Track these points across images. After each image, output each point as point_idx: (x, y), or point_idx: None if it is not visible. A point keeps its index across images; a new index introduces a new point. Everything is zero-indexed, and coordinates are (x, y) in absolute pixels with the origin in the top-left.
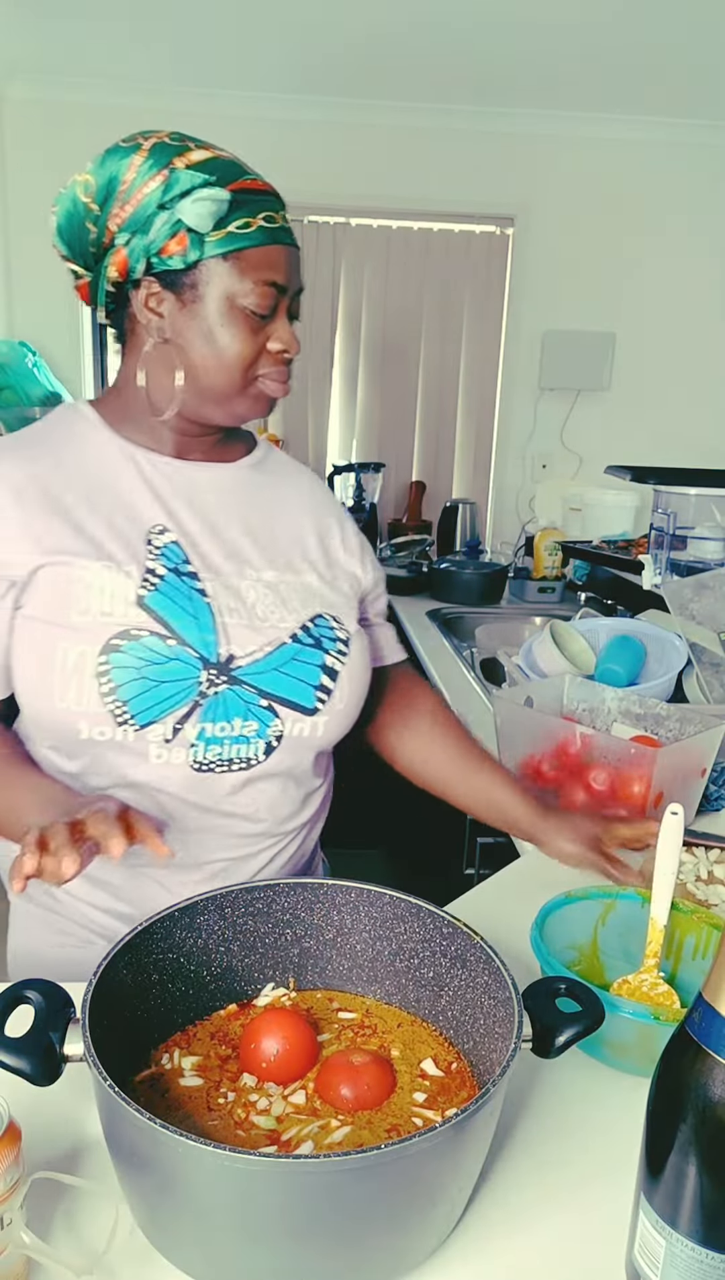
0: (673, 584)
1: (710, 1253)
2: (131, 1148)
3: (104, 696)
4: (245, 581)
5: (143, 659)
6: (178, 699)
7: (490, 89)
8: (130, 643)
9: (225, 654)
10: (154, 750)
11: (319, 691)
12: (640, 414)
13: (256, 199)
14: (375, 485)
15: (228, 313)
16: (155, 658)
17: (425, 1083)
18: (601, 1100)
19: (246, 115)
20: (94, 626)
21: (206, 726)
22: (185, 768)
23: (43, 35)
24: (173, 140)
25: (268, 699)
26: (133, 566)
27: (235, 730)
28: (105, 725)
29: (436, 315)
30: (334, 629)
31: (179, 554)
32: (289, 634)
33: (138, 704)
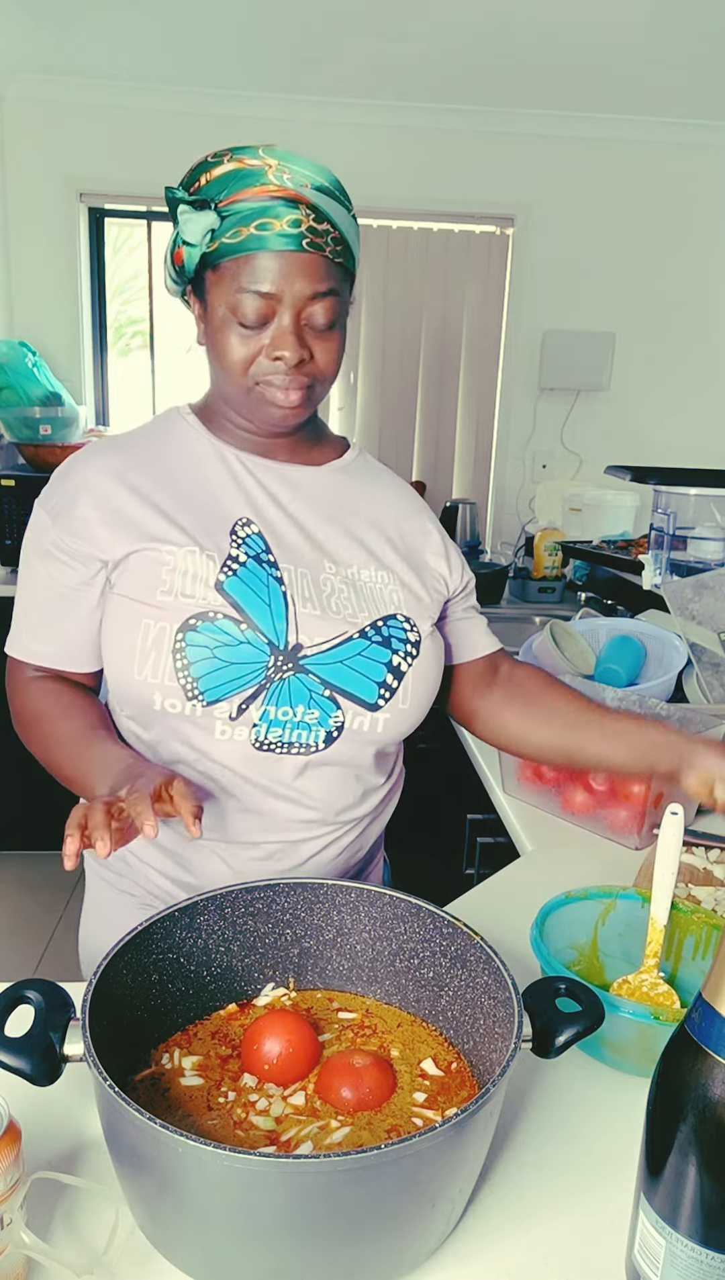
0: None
1: (710, 1253)
2: (131, 1148)
3: (178, 672)
4: (323, 574)
5: (216, 640)
6: (245, 680)
7: (490, 89)
8: (206, 623)
9: (293, 641)
10: (219, 726)
11: (382, 689)
12: (640, 414)
13: (257, 208)
14: None
15: (222, 320)
16: (228, 640)
17: (425, 1082)
18: (601, 1100)
19: (246, 115)
20: (175, 606)
21: (270, 709)
22: (247, 745)
23: (43, 35)
24: (214, 157)
25: (331, 689)
26: (216, 553)
27: (297, 716)
28: (176, 699)
29: (436, 315)
30: (406, 630)
31: (261, 543)
32: (358, 629)
33: (207, 681)
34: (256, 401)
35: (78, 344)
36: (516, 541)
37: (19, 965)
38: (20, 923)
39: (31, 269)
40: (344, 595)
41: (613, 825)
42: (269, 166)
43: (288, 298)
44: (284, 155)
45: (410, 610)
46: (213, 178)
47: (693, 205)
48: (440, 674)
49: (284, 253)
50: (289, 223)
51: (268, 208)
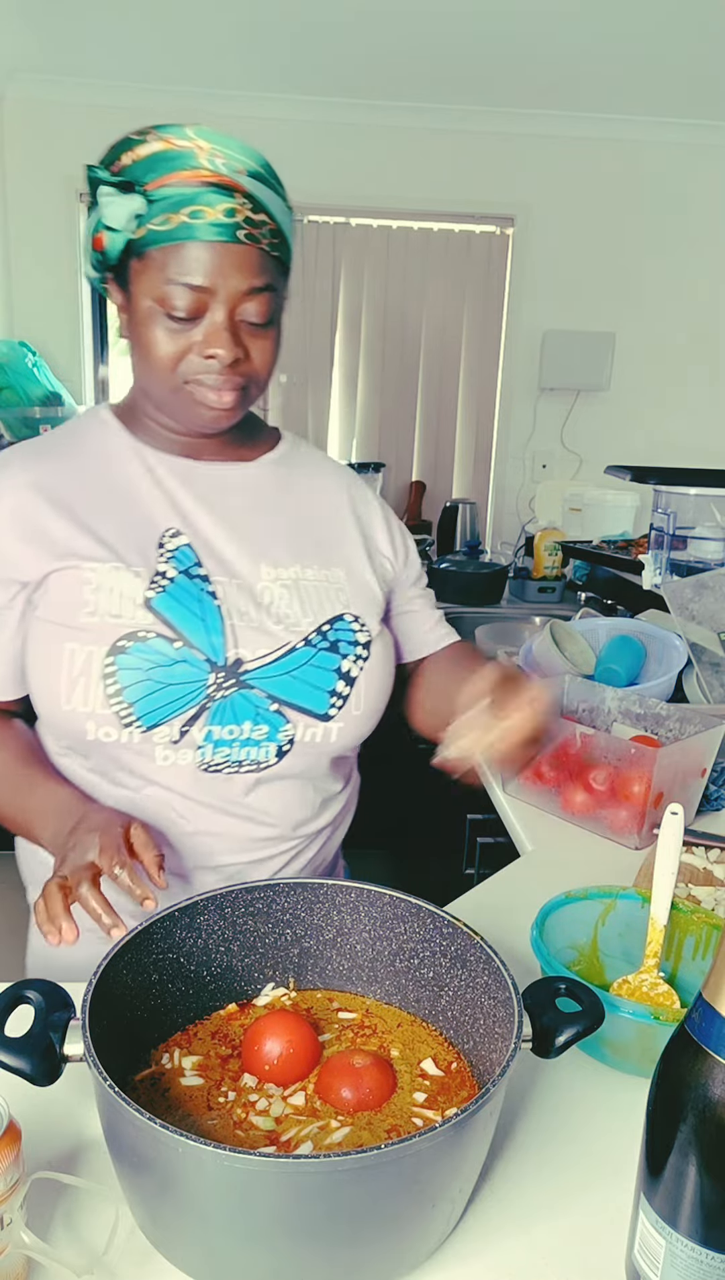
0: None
1: (710, 1253)
2: (131, 1148)
3: (110, 698)
4: (261, 583)
5: (149, 661)
6: (185, 701)
7: (490, 89)
8: (137, 644)
9: (233, 657)
10: (160, 752)
11: (333, 697)
12: (640, 414)
13: (188, 193)
14: (375, 485)
15: (148, 312)
16: (162, 660)
17: (425, 1082)
18: (601, 1100)
19: (247, 115)
20: (101, 628)
21: (214, 729)
22: (192, 769)
23: (43, 35)
24: (138, 134)
25: (278, 703)
26: (142, 569)
27: (244, 733)
28: (111, 727)
29: (436, 315)
30: (355, 631)
31: (190, 556)
32: (302, 638)
33: (144, 706)
34: (185, 402)
35: (78, 344)
36: (516, 541)
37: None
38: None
39: (31, 269)
40: (285, 601)
41: (613, 825)
42: (200, 149)
43: (222, 292)
44: (215, 137)
45: (359, 607)
46: (138, 158)
47: (693, 205)
48: (392, 673)
49: (217, 244)
50: (224, 211)
51: (199, 194)
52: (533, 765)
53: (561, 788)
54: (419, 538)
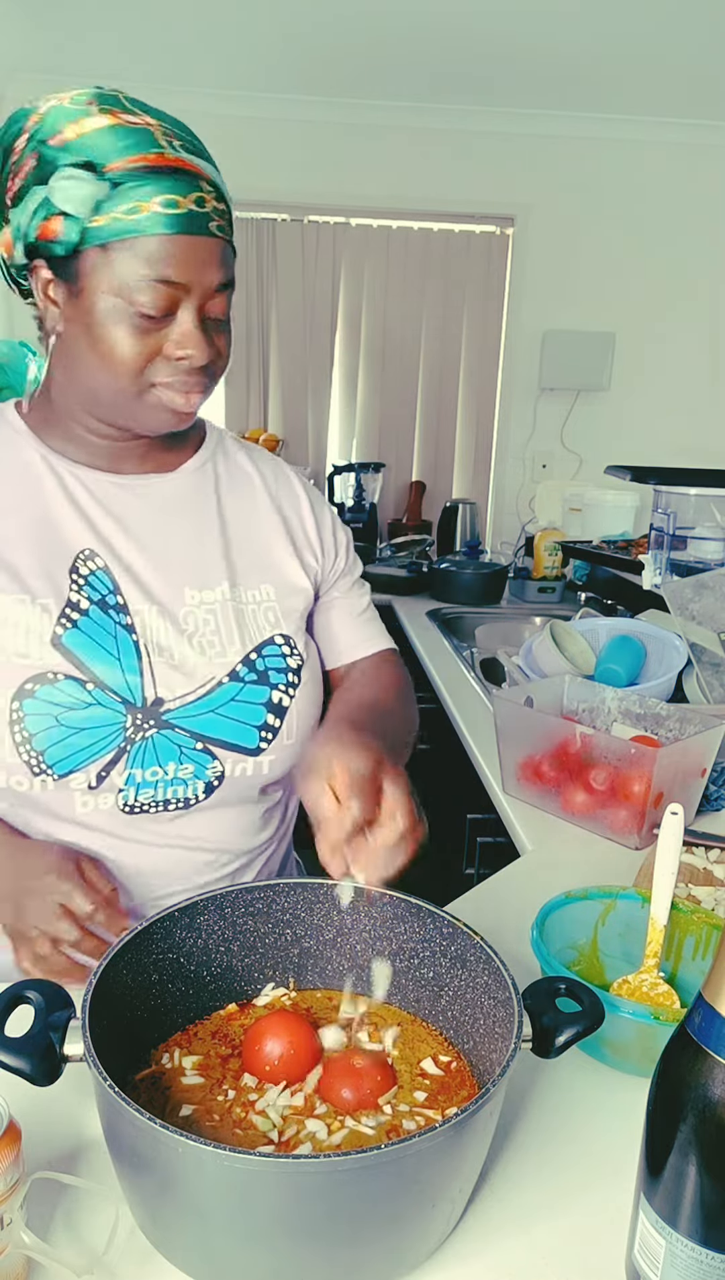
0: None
1: (710, 1253)
2: (131, 1148)
3: (18, 746)
4: (185, 608)
5: (59, 704)
6: (100, 747)
7: (490, 89)
8: (44, 686)
9: (151, 697)
10: (79, 798)
11: (263, 730)
12: (640, 414)
13: (159, 179)
14: (375, 485)
15: (111, 309)
16: (72, 703)
17: (425, 1082)
18: (601, 1100)
19: (247, 115)
20: (6, 669)
21: (135, 772)
22: (115, 811)
23: (43, 35)
24: (75, 103)
25: (203, 742)
26: (51, 600)
27: (168, 774)
28: (21, 775)
29: (436, 315)
30: (286, 656)
31: (106, 583)
32: (227, 671)
33: (55, 753)
34: (147, 406)
35: None
36: (516, 541)
37: None
38: None
39: None
40: (211, 628)
41: (613, 825)
42: (153, 128)
43: (196, 289)
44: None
45: (289, 624)
46: (85, 131)
47: (693, 205)
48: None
49: (192, 236)
50: (195, 201)
51: (170, 181)
52: (533, 766)
53: (561, 788)
54: (419, 538)
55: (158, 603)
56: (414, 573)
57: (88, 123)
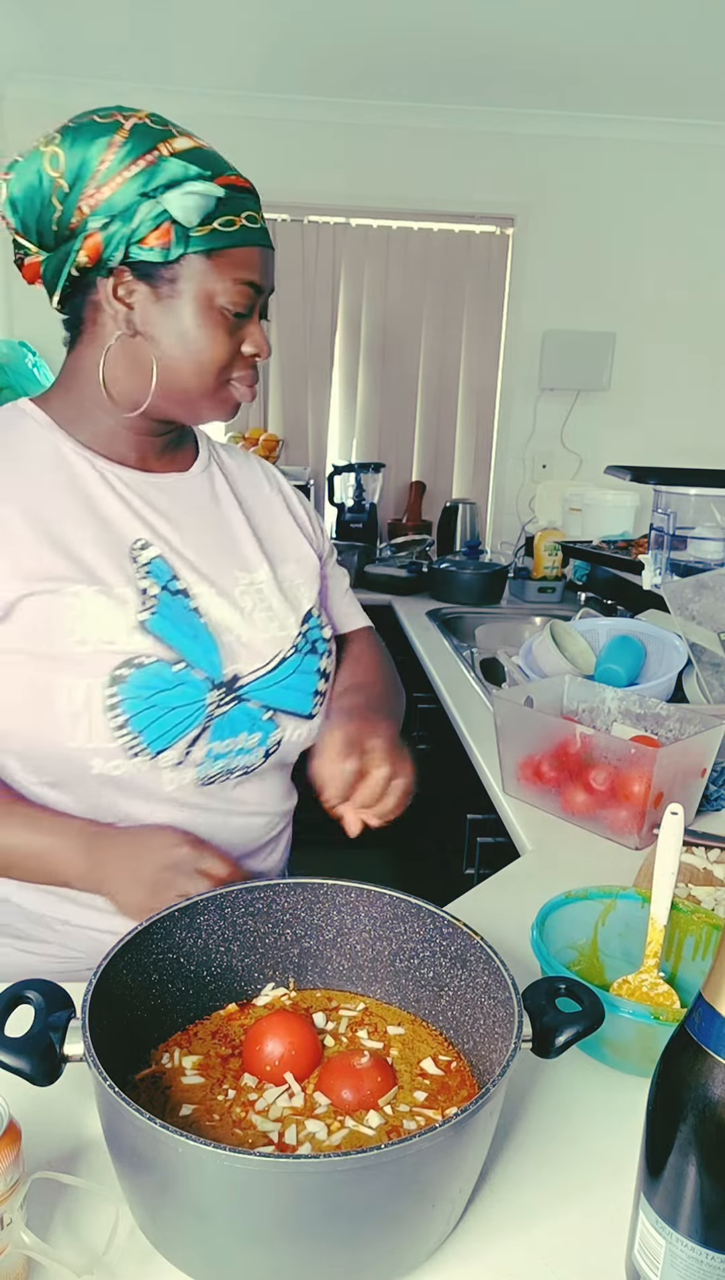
0: (673, 584)
1: (710, 1253)
2: (131, 1148)
3: (116, 731)
4: (238, 588)
5: (151, 687)
6: (188, 724)
7: (490, 89)
8: (136, 671)
9: (231, 673)
10: (166, 775)
11: (316, 696)
12: (640, 414)
13: (240, 196)
14: (375, 485)
15: (205, 311)
16: (163, 684)
17: (425, 1082)
18: (601, 1100)
19: (247, 115)
20: (97, 657)
21: (215, 745)
22: (192, 786)
23: (43, 35)
24: (155, 123)
25: (271, 711)
26: (127, 589)
27: (239, 744)
28: (118, 759)
29: (436, 315)
30: (322, 627)
31: (166, 570)
32: (291, 645)
33: (151, 733)
34: (219, 400)
35: None
36: (516, 541)
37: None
38: None
39: None
40: (264, 606)
41: (613, 825)
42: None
43: (265, 293)
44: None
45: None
46: (176, 150)
47: (693, 205)
48: None
49: (263, 248)
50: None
51: (249, 198)
52: (533, 766)
53: (561, 788)
54: (419, 538)
55: (214, 585)
56: (414, 573)
57: (177, 144)
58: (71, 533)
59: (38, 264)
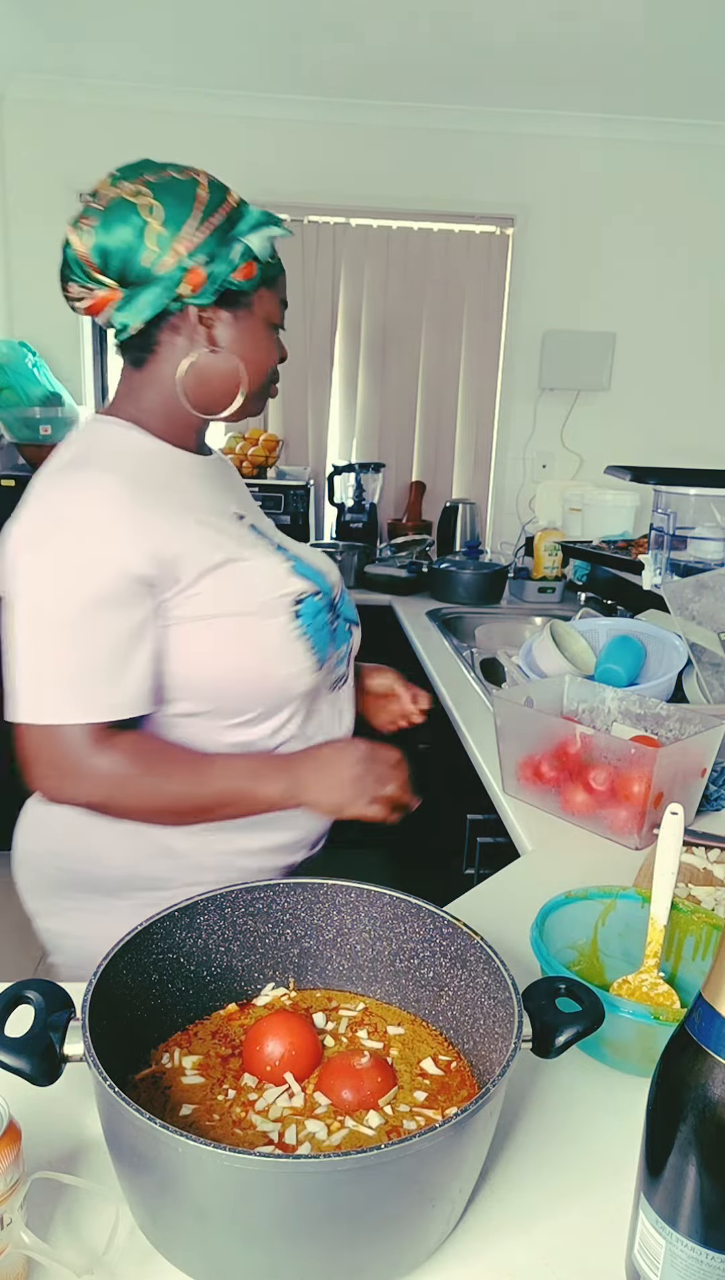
0: (673, 584)
1: (710, 1253)
2: (131, 1148)
3: (308, 652)
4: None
5: (312, 615)
6: (332, 636)
7: (490, 89)
8: (303, 604)
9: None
10: (326, 681)
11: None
12: (640, 414)
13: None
14: (375, 485)
15: (265, 328)
16: (316, 609)
17: (425, 1082)
18: (601, 1100)
19: (247, 115)
20: (279, 602)
21: (336, 652)
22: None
23: (43, 35)
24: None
25: (349, 623)
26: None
27: (342, 652)
28: (310, 675)
29: (436, 315)
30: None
31: (259, 532)
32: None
33: (320, 648)
34: (261, 396)
35: (78, 344)
36: (516, 541)
37: (18, 965)
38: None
39: (32, 269)
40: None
41: (613, 825)
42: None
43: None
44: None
45: None
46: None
47: (693, 205)
48: None
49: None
50: None
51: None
52: (533, 766)
53: (561, 788)
54: (419, 538)
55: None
56: (414, 573)
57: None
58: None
59: (109, 299)
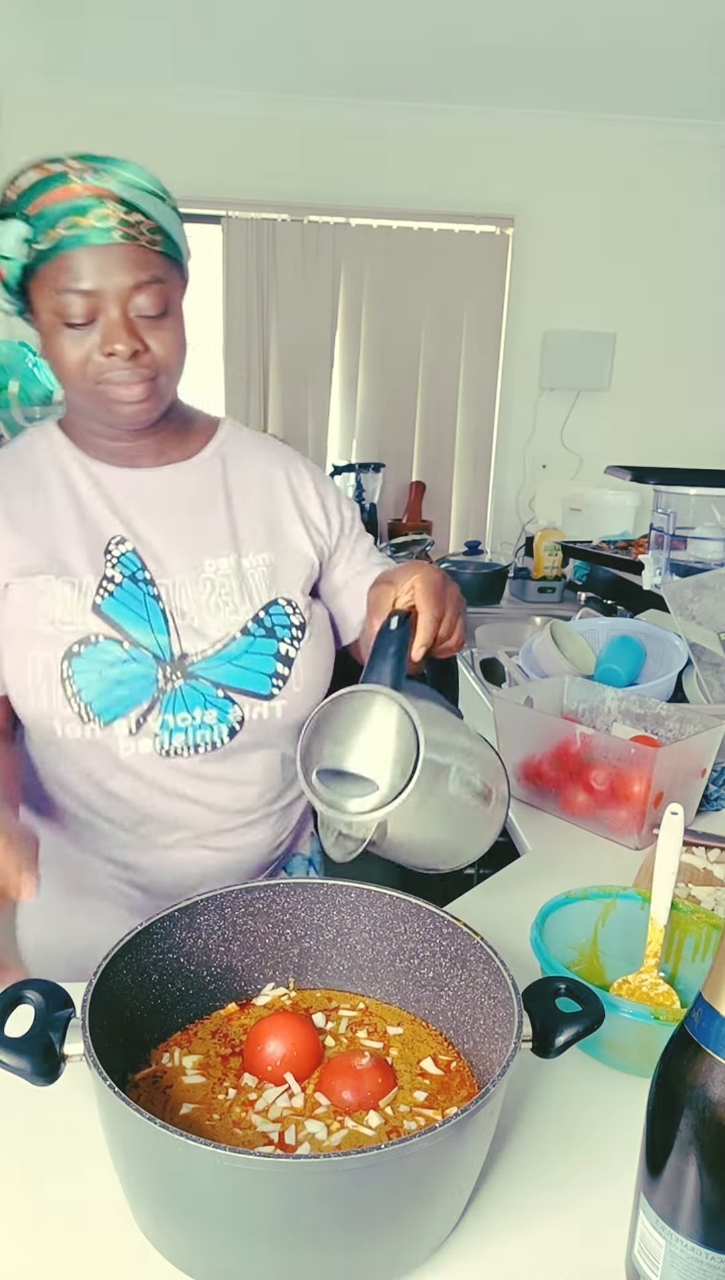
0: (673, 584)
1: (710, 1253)
2: (131, 1148)
3: (69, 698)
4: (202, 576)
5: (101, 661)
6: (138, 696)
7: (490, 89)
8: (89, 647)
9: (178, 652)
10: (122, 743)
11: (274, 678)
12: (640, 414)
13: (63, 208)
14: (375, 485)
15: (51, 325)
16: (113, 660)
17: (425, 1081)
18: (601, 1100)
19: (247, 115)
20: (58, 635)
21: (167, 718)
22: (154, 755)
23: (43, 35)
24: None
25: (223, 689)
26: (91, 577)
27: (196, 720)
28: (73, 724)
29: (436, 315)
30: (289, 615)
31: (135, 562)
32: (240, 628)
33: (100, 703)
34: (102, 403)
35: None
36: (516, 541)
37: None
38: None
39: None
40: (226, 590)
41: (613, 825)
42: (71, 169)
43: (110, 291)
44: (88, 157)
45: (292, 589)
46: (18, 190)
47: (692, 205)
48: (331, 649)
49: (96, 247)
50: (97, 218)
51: (74, 206)
52: (533, 766)
53: (561, 788)
54: (419, 538)
55: (178, 574)
56: None
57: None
58: (59, 533)
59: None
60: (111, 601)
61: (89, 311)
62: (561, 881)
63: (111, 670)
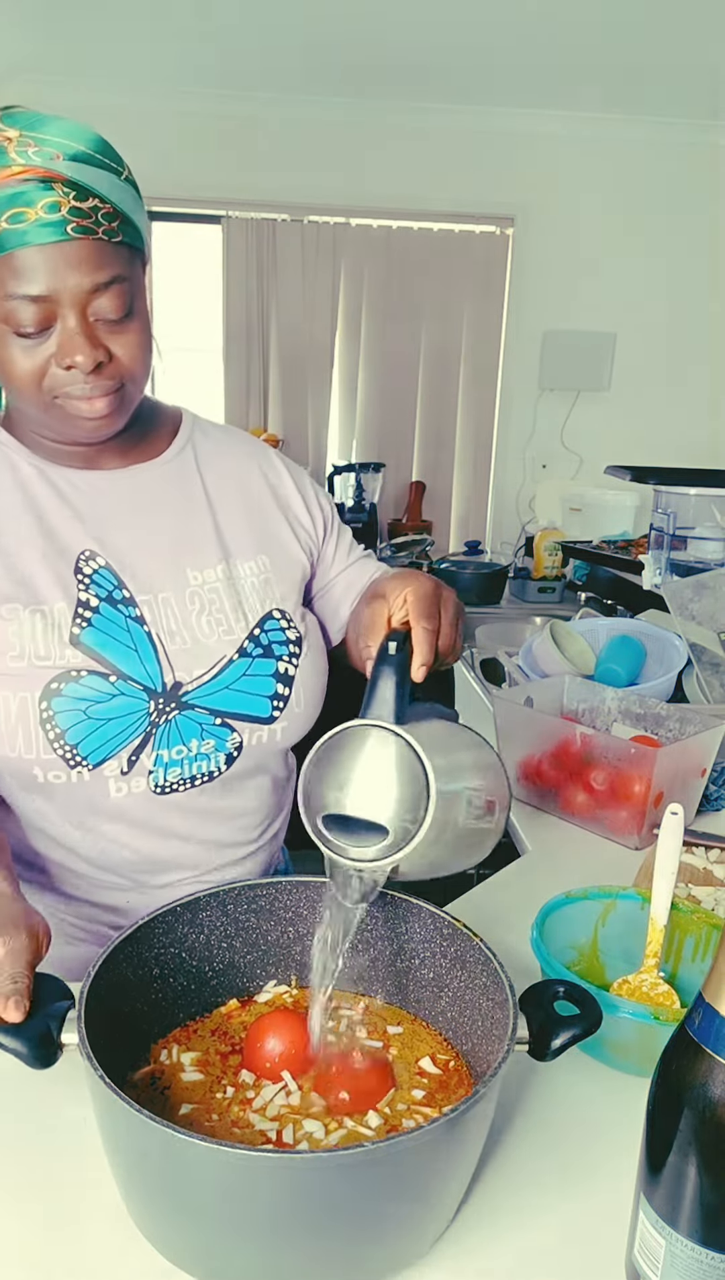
0: (673, 584)
1: (710, 1253)
2: (128, 1143)
3: (51, 742)
4: (188, 590)
5: (85, 699)
6: (128, 734)
7: (490, 89)
8: (70, 684)
9: (171, 681)
10: (112, 785)
11: (275, 700)
12: (640, 414)
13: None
14: (375, 485)
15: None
16: (99, 696)
17: (424, 1081)
18: (601, 1100)
19: (246, 115)
20: (30, 672)
21: (162, 753)
22: (148, 794)
23: (43, 35)
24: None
25: (221, 717)
26: (63, 603)
27: (192, 751)
28: (58, 769)
29: (436, 315)
30: (284, 630)
31: (110, 579)
32: (236, 649)
33: (88, 745)
34: (61, 417)
35: None
36: (516, 541)
37: None
38: None
39: None
40: (216, 606)
41: (613, 825)
42: (9, 141)
43: (65, 296)
44: (25, 121)
45: (286, 598)
46: None
47: (693, 205)
48: (326, 661)
49: (48, 245)
50: (45, 208)
51: (17, 194)
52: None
53: (561, 788)
54: (419, 537)
55: (161, 590)
56: None
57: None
58: (20, 552)
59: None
60: (91, 632)
61: (42, 319)
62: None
63: (97, 708)
